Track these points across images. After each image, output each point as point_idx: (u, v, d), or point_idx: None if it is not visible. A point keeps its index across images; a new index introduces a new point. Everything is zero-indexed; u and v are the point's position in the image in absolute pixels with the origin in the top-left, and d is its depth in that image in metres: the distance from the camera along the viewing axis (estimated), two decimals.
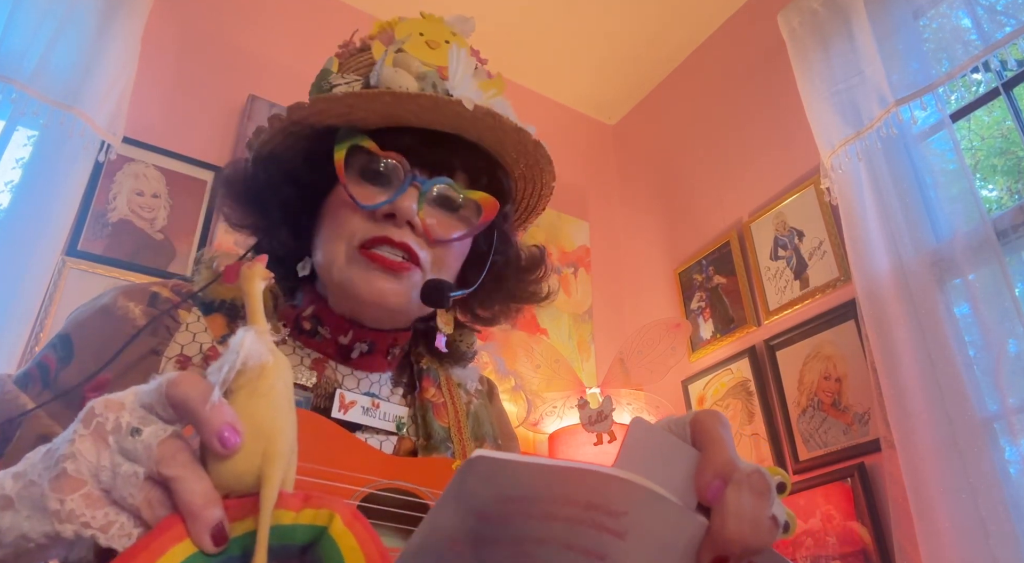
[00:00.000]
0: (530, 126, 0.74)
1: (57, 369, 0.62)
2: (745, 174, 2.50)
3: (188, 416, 0.42)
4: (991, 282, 1.67)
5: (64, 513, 0.40)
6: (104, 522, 0.40)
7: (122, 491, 0.40)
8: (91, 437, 0.41)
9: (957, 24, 1.95)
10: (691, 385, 2.42)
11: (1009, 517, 1.50)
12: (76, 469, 0.41)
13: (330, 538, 0.44)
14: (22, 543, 0.41)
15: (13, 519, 0.41)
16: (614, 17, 2.78)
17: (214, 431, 0.41)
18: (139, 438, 0.41)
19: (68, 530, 0.40)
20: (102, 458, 0.41)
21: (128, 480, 0.40)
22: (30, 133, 1.92)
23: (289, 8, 2.58)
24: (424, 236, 0.70)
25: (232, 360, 0.43)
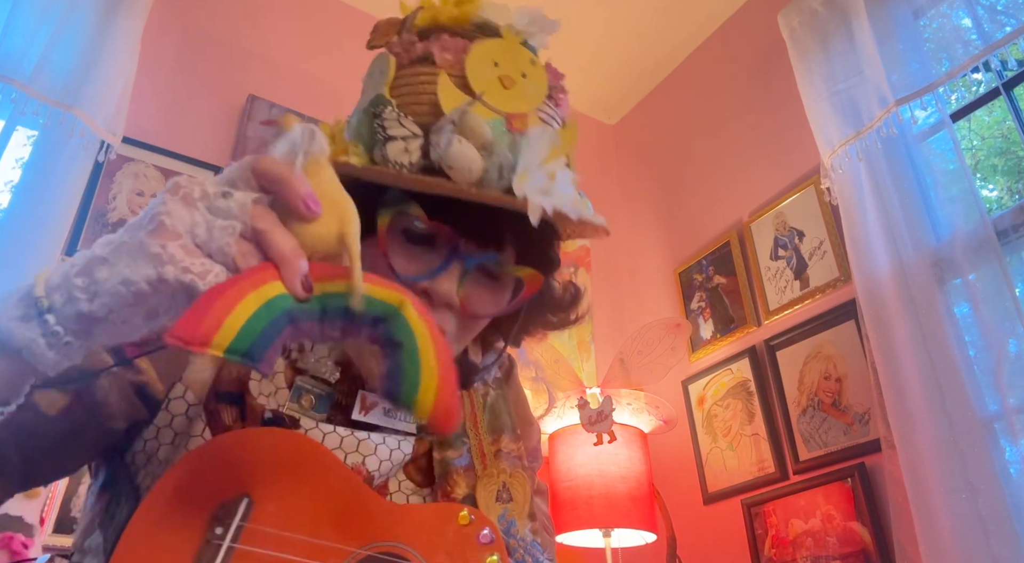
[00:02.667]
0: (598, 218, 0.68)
1: None
2: (745, 174, 2.50)
3: (276, 184, 0.47)
4: (991, 282, 1.67)
5: (166, 256, 0.43)
6: (202, 269, 0.43)
7: (218, 242, 0.44)
8: (181, 201, 0.45)
9: (957, 24, 1.95)
10: (691, 385, 2.42)
11: (1009, 517, 1.49)
12: (172, 224, 0.44)
13: (402, 317, 0.49)
14: (121, 290, 0.43)
15: (110, 270, 0.44)
16: (614, 17, 2.78)
17: (301, 196, 0.46)
18: (232, 198, 0.45)
19: (170, 272, 0.43)
20: (195, 216, 0.44)
21: (224, 232, 0.44)
22: (30, 133, 1.92)
23: (289, 8, 2.58)
24: (458, 310, 0.66)
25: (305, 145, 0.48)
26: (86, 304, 0.44)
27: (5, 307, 0.45)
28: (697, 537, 2.22)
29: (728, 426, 2.24)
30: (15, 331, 0.44)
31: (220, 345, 0.41)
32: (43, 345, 0.44)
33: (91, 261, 0.44)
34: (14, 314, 0.44)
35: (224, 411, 0.63)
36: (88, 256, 0.45)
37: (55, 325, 0.44)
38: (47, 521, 1.56)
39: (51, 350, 0.44)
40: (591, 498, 2.00)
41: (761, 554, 2.01)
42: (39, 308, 0.44)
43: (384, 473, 0.67)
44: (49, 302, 0.44)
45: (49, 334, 0.44)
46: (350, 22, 2.70)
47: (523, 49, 0.72)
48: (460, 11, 0.71)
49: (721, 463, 2.23)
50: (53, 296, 0.44)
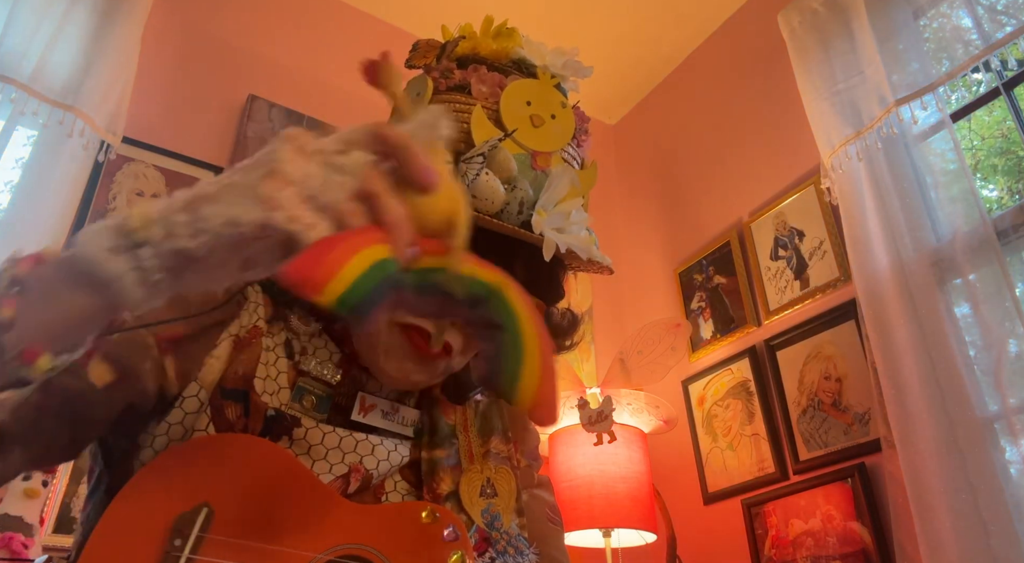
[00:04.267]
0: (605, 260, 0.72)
1: None
2: (745, 174, 2.50)
3: (397, 151, 0.46)
4: (991, 282, 1.66)
5: (277, 202, 0.41)
6: (310, 222, 0.42)
7: (330, 197, 0.43)
8: (297, 151, 0.44)
9: (957, 24, 1.95)
10: (691, 385, 2.42)
11: (1009, 517, 1.49)
12: (287, 171, 0.42)
13: (503, 298, 0.49)
14: (226, 230, 0.42)
15: (217, 208, 0.42)
16: (614, 17, 2.78)
17: (420, 165, 0.46)
18: (350, 156, 0.45)
19: (279, 218, 0.41)
20: (310, 168, 0.43)
21: (339, 187, 0.43)
22: (30, 133, 1.92)
23: (289, 8, 2.58)
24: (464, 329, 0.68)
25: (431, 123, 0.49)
26: (187, 240, 0.42)
27: (95, 236, 0.43)
28: (697, 537, 2.22)
29: (728, 426, 2.24)
30: (104, 262, 0.42)
31: (332, 294, 0.41)
32: (132, 280, 0.42)
33: (197, 197, 0.43)
34: (104, 244, 0.42)
35: (229, 407, 0.64)
36: (194, 192, 0.44)
37: (149, 259, 0.42)
38: (47, 521, 1.56)
39: (139, 286, 0.42)
40: (591, 498, 2.00)
41: (761, 554, 2.01)
42: (133, 240, 0.42)
43: (382, 473, 0.69)
44: (146, 235, 0.42)
45: (140, 269, 0.42)
46: (350, 22, 2.70)
47: (555, 91, 0.75)
48: (499, 46, 0.75)
49: (721, 463, 2.23)
50: (151, 229, 0.42)
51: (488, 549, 0.69)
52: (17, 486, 1.50)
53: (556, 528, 0.82)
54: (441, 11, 2.71)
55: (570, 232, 0.69)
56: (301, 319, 0.71)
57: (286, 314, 0.70)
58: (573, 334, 0.83)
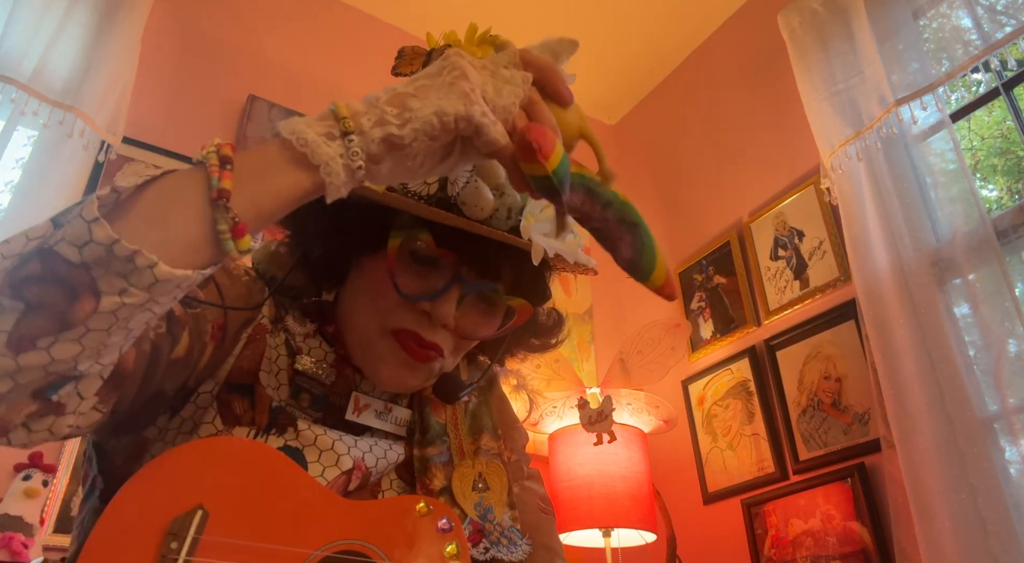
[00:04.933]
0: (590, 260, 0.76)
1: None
2: (745, 174, 2.50)
3: (544, 71, 0.55)
4: (991, 282, 1.66)
5: (475, 97, 0.50)
6: (492, 119, 0.51)
7: (505, 102, 0.52)
8: (470, 64, 0.52)
9: (957, 24, 1.95)
10: (691, 385, 2.42)
11: (1009, 517, 1.49)
12: (473, 78, 0.51)
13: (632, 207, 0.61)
14: (434, 120, 0.49)
15: (423, 102, 0.49)
16: (614, 17, 2.78)
17: (563, 81, 0.56)
18: (514, 72, 0.53)
19: (476, 111, 0.50)
20: (485, 78, 0.52)
21: (512, 95, 0.52)
22: (30, 133, 1.92)
23: (289, 8, 2.58)
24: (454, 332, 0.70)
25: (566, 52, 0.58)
26: (397, 128, 0.48)
27: (308, 123, 0.48)
28: (697, 537, 2.22)
29: (728, 426, 2.24)
30: (321, 147, 0.47)
31: (553, 164, 0.50)
32: (340, 165, 0.47)
33: (399, 94, 0.50)
34: (320, 131, 0.48)
35: (236, 401, 0.65)
36: (392, 91, 0.50)
37: (356, 146, 0.48)
38: (47, 521, 1.56)
39: (344, 172, 0.48)
40: (591, 498, 2.00)
41: (761, 554, 2.01)
42: (344, 128, 0.48)
43: (380, 471, 0.71)
44: (356, 125, 0.48)
45: (349, 154, 0.48)
46: (350, 22, 2.70)
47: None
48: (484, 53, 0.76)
49: (721, 463, 2.23)
50: (360, 119, 0.48)
51: (482, 540, 0.71)
52: (17, 486, 1.50)
53: (548, 518, 0.85)
54: (441, 11, 2.71)
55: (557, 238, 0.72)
56: (296, 320, 0.72)
57: (283, 315, 0.72)
58: (558, 333, 0.87)
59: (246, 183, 0.46)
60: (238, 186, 0.46)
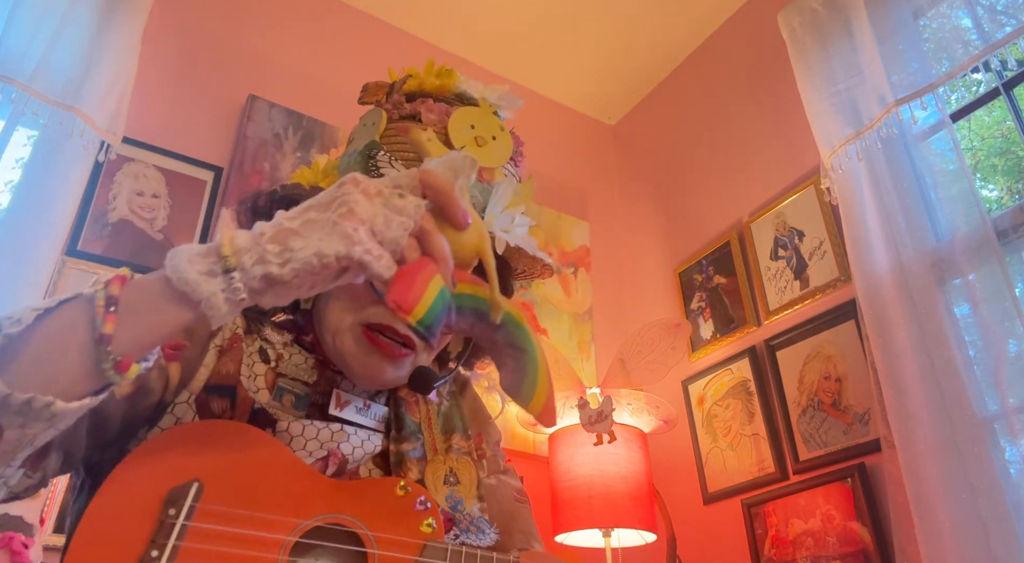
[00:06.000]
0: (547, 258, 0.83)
1: None
2: (745, 174, 2.50)
3: (440, 196, 0.56)
4: (991, 282, 1.66)
5: (356, 237, 0.51)
6: (377, 254, 0.51)
7: (394, 234, 0.52)
8: (363, 194, 0.53)
9: (957, 24, 1.95)
10: (691, 385, 2.42)
11: (1009, 517, 1.49)
12: (359, 211, 0.51)
13: (524, 328, 0.60)
14: (313, 261, 0.50)
15: (304, 242, 0.50)
16: (614, 17, 2.78)
17: (459, 207, 0.56)
18: (407, 200, 0.54)
19: (357, 251, 0.50)
20: (375, 208, 0.53)
21: (401, 226, 0.53)
22: (30, 133, 1.92)
23: (289, 8, 2.58)
24: None
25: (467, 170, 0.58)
26: (277, 268, 0.50)
27: (190, 259, 0.50)
28: (697, 537, 2.22)
29: (728, 426, 2.24)
30: (201, 285, 0.49)
31: (417, 316, 0.51)
32: (221, 300, 0.50)
33: (282, 231, 0.51)
34: (200, 268, 0.50)
35: (215, 401, 0.69)
36: (275, 226, 0.51)
37: (238, 282, 0.50)
38: (47, 521, 1.56)
39: (226, 304, 0.50)
40: (591, 498, 2.00)
41: (761, 554, 2.01)
42: (225, 266, 0.50)
43: (357, 460, 0.75)
44: (237, 262, 0.50)
45: (230, 290, 0.50)
46: (350, 22, 2.70)
47: (495, 117, 0.86)
48: (442, 82, 0.86)
49: (721, 463, 2.23)
50: (242, 257, 0.50)
51: (453, 528, 0.75)
52: None
53: (524, 506, 0.89)
54: (440, 11, 2.71)
55: (515, 233, 0.79)
56: (274, 330, 0.78)
57: (259, 327, 0.77)
58: None
59: (130, 323, 0.50)
60: (122, 326, 0.49)
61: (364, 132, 0.83)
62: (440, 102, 0.84)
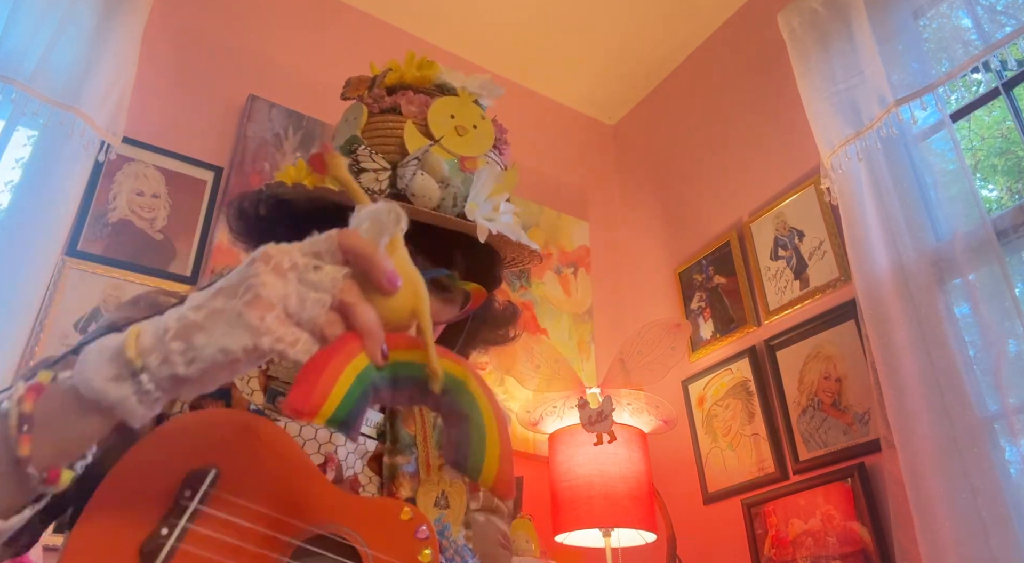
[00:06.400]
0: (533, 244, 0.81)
1: None
2: (745, 174, 2.50)
3: (361, 260, 0.51)
4: (991, 282, 1.66)
5: (263, 328, 0.47)
6: (292, 339, 0.48)
7: (310, 313, 0.49)
8: (273, 272, 0.48)
9: (957, 24, 1.95)
10: (691, 385, 2.42)
11: (1009, 517, 1.49)
12: (267, 295, 0.47)
13: (469, 392, 0.55)
14: (219, 357, 0.47)
15: (208, 337, 0.47)
16: (614, 17, 2.78)
17: (384, 272, 0.51)
18: (323, 272, 0.50)
19: (266, 342, 0.47)
20: (288, 288, 0.48)
21: (317, 304, 0.49)
22: (30, 133, 1.92)
23: (289, 8, 2.58)
24: None
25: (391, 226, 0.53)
26: (183, 367, 0.47)
27: (96, 366, 0.48)
28: (697, 537, 2.22)
29: (728, 426, 2.24)
30: (110, 391, 0.48)
31: (325, 416, 0.47)
32: (134, 402, 0.48)
33: (186, 326, 0.48)
34: (107, 374, 0.48)
35: (209, 404, 0.69)
36: (180, 320, 0.48)
37: (148, 384, 0.48)
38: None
39: (140, 405, 0.48)
40: (591, 498, 2.00)
41: (761, 554, 2.01)
42: (132, 369, 0.48)
43: (351, 465, 0.75)
44: (143, 363, 0.48)
45: (142, 392, 0.48)
46: (350, 22, 2.70)
47: (475, 106, 0.85)
48: (422, 74, 0.85)
49: (721, 463, 2.23)
50: (147, 358, 0.48)
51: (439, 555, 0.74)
52: None
53: (506, 554, 0.88)
54: (440, 11, 2.71)
55: (499, 220, 0.78)
56: None
57: None
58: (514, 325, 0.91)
59: (47, 439, 0.49)
60: (39, 443, 0.48)
61: (346, 127, 0.83)
62: (420, 93, 0.83)
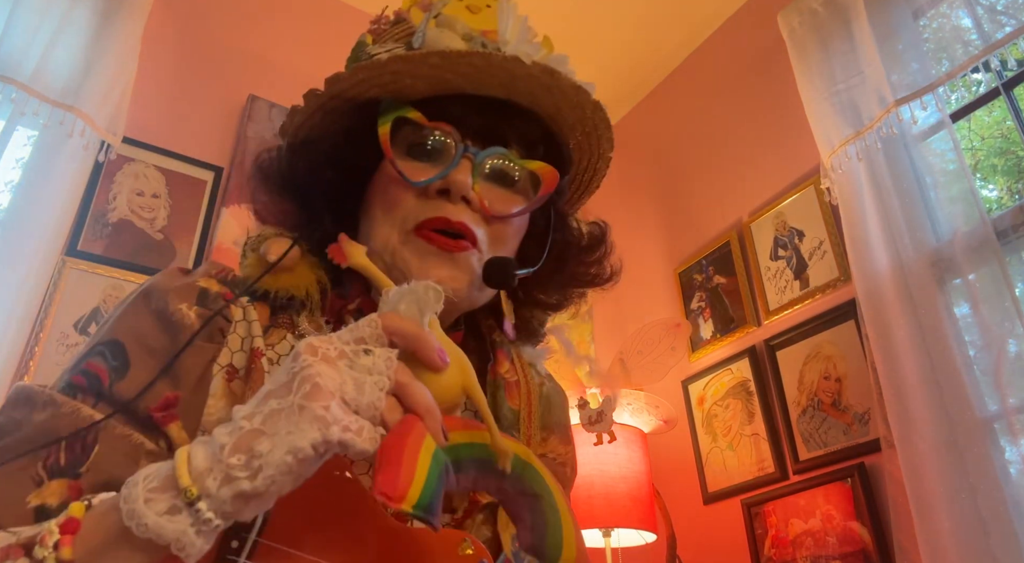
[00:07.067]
0: (590, 84, 0.69)
1: (111, 380, 0.57)
2: (745, 174, 2.50)
3: (409, 340, 0.49)
4: (991, 282, 1.66)
5: (331, 418, 0.43)
6: (357, 427, 0.44)
7: (369, 398, 0.45)
8: (323, 362, 0.45)
9: (957, 24, 1.95)
10: (691, 385, 2.42)
11: (1009, 517, 1.49)
12: (326, 384, 0.44)
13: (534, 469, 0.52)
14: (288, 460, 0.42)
15: (272, 441, 0.42)
16: (614, 17, 2.78)
17: (433, 349, 0.49)
18: (374, 355, 0.47)
19: (335, 433, 0.42)
20: (343, 375, 0.45)
21: (375, 388, 0.45)
22: (30, 133, 1.92)
23: (289, 8, 2.58)
24: (481, 211, 0.65)
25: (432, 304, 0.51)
26: (248, 482, 0.42)
27: (147, 500, 0.42)
28: (697, 537, 2.22)
29: (728, 426, 2.24)
30: (165, 527, 0.41)
31: (412, 501, 0.44)
32: (192, 535, 0.42)
33: (245, 436, 0.43)
34: (160, 509, 0.42)
35: None
36: (237, 430, 0.43)
37: (207, 513, 0.42)
38: None
39: (199, 538, 0.42)
40: (591, 498, 2.00)
41: (761, 554, 2.01)
42: (188, 498, 0.42)
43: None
44: (199, 490, 0.42)
45: (200, 523, 0.42)
46: (350, 22, 2.70)
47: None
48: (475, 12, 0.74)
49: (721, 463, 2.23)
50: (204, 481, 0.42)
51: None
52: None
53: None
54: None
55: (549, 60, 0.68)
56: (311, 321, 0.66)
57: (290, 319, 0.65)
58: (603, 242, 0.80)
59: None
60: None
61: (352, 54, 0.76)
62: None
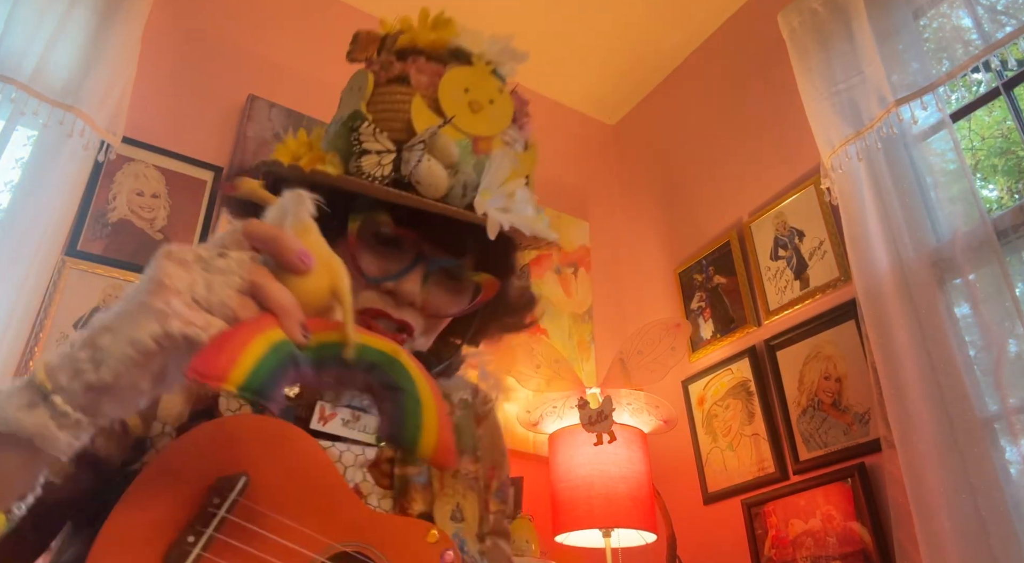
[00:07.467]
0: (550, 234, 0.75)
1: None
2: (745, 174, 2.50)
3: (268, 243, 0.49)
4: (991, 282, 1.66)
5: (170, 310, 0.44)
6: (204, 323, 0.45)
7: (219, 296, 0.46)
8: (176, 264, 0.46)
9: (957, 24, 1.95)
10: (691, 385, 2.42)
11: (1009, 517, 1.49)
12: (172, 283, 0.45)
13: (400, 363, 0.53)
14: (129, 351, 0.44)
15: (114, 335, 0.44)
16: (614, 17, 2.78)
17: (295, 252, 0.49)
18: (228, 257, 0.47)
19: (175, 326, 0.44)
20: (193, 275, 0.46)
21: (224, 285, 0.46)
22: (30, 133, 1.92)
23: (289, 8, 2.58)
24: (422, 310, 0.72)
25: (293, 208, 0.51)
26: (93, 373, 0.44)
27: (8, 399, 0.45)
28: (697, 537, 2.22)
29: (728, 426, 2.24)
30: (24, 420, 0.44)
31: (235, 381, 0.44)
32: (53, 428, 0.44)
33: (92, 333, 0.45)
34: (20, 403, 0.44)
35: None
36: (87, 330, 0.45)
37: (63, 405, 0.44)
38: None
39: (62, 431, 0.44)
40: (591, 498, 2.00)
41: (761, 554, 2.01)
42: (43, 392, 0.44)
43: (352, 478, 0.70)
44: (53, 383, 0.44)
45: (58, 415, 0.44)
46: (350, 22, 2.70)
47: (492, 77, 0.77)
48: (437, 36, 0.77)
49: (721, 463, 2.23)
50: (57, 376, 0.44)
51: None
52: None
53: None
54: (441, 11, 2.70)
55: (515, 211, 0.72)
56: None
57: None
58: (529, 312, 0.85)
59: None
60: None
61: (350, 98, 0.76)
62: (432, 61, 0.75)
